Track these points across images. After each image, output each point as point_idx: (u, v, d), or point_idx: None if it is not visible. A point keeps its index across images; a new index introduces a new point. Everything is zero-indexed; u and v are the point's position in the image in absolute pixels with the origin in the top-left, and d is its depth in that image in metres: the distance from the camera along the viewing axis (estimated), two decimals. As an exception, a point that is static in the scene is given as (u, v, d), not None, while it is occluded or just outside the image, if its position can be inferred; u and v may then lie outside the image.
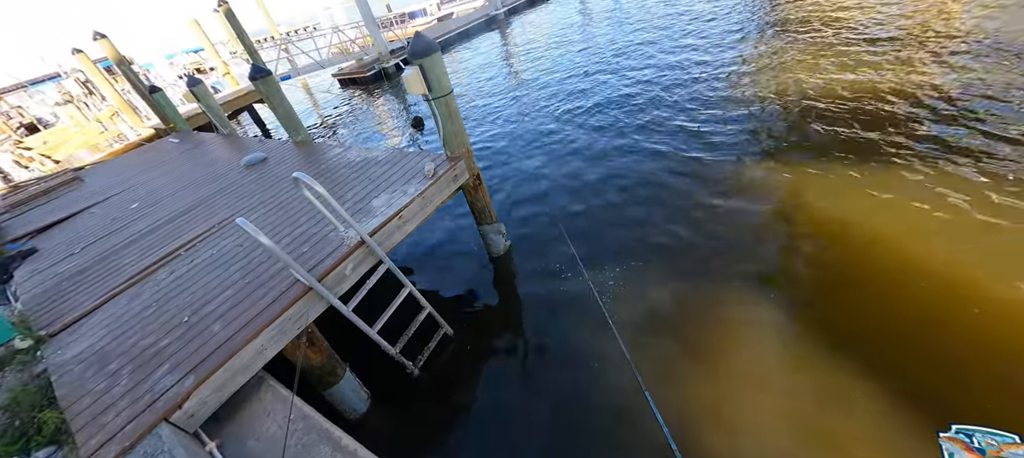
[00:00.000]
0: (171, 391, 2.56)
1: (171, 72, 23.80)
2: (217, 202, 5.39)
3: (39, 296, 4.34)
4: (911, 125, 5.13)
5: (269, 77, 6.18)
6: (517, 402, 3.48)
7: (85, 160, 11.91)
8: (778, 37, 9.15)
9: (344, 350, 3.54)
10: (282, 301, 2.99)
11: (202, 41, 19.24)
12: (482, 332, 4.22)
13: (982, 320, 3.03)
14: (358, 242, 3.36)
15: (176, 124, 10.97)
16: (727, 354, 3.34)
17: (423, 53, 3.64)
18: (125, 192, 7.17)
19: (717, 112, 6.82)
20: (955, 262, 3.46)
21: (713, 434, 2.86)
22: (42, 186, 8.76)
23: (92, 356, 3.13)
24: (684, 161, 5.82)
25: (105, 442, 2.35)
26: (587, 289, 4.28)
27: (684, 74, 8.70)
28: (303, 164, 5.70)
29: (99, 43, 11.35)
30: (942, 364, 2.89)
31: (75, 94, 19.87)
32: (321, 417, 2.62)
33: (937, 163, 4.45)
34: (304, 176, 2.88)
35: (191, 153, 8.60)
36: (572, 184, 6.13)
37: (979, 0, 7.79)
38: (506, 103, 10.44)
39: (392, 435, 3.52)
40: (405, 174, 4.34)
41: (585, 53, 12.57)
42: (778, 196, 4.72)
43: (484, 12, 22.73)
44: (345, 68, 17.85)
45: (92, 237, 5.52)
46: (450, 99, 3.94)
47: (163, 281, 3.89)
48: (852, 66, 6.92)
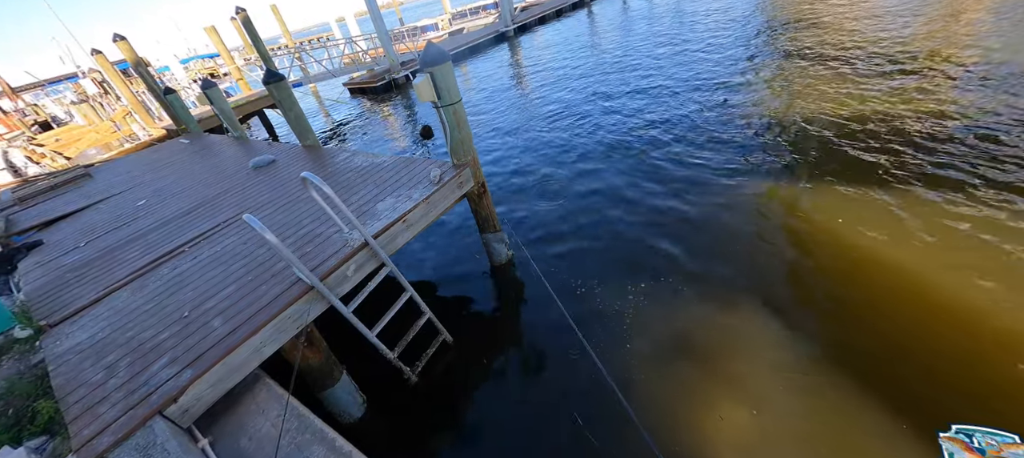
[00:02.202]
0: (167, 385, 2.54)
1: (186, 76, 24.28)
2: (223, 201, 5.43)
3: (42, 287, 4.35)
4: (908, 145, 5.16)
5: (282, 81, 6.29)
6: (515, 415, 3.42)
7: (95, 158, 12.09)
8: (790, 61, 9.26)
9: (342, 353, 3.51)
10: (283, 299, 2.99)
11: (218, 47, 19.71)
12: (481, 341, 4.18)
13: (983, 322, 3.08)
14: (362, 244, 3.37)
15: (187, 125, 11.15)
16: (725, 353, 3.33)
17: (434, 62, 3.71)
18: (133, 189, 7.25)
19: (721, 127, 6.87)
20: (956, 272, 3.51)
21: (713, 433, 2.81)
22: (51, 181, 8.87)
23: (90, 348, 3.12)
24: (683, 176, 5.85)
25: (98, 433, 2.33)
26: (590, 304, 4.26)
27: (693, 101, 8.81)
28: (311, 167, 5.76)
29: (118, 44, 11.62)
30: (942, 365, 2.92)
31: (91, 93, 20.29)
32: (316, 418, 2.59)
33: (939, 183, 4.47)
34: (312, 176, 2.90)
35: (200, 154, 8.71)
36: (580, 202, 6.14)
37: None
38: (512, 116, 10.56)
39: (387, 441, 3.46)
40: (411, 179, 4.37)
41: (593, 68, 12.75)
42: (784, 215, 4.72)
43: (494, 28, 23.17)
44: (356, 77, 18.16)
45: (98, 232, 5.56)
46: (458, 107, 3.99)
47: (166, 276, 3.90)
48: (857, 89, 6.99)
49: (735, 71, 9.46)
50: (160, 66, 28.36)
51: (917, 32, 8.82)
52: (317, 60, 17.11)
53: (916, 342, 3.14)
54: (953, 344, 3.06)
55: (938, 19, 9.23)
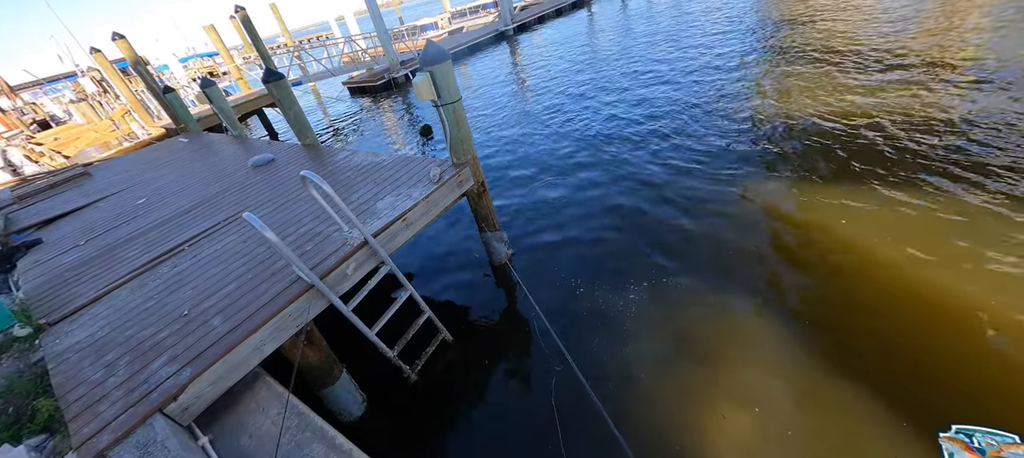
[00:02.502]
0: (167, 383, 2.54)
1: (185, 75, 24.24)
2: (223, 200, 5.43)
3: (41, 286, 4.34)
4: (905, 145, 5.17)
5: (281, 80, 6.28)
6: (515, 413, 3.43)
7: (94, 156, 12.07)
8: (789, 62, 9.26)
9: (342, 352, 3.51)
10: (283, 298, 2.99)
11: (217, 46, 19.67)
12: (481, 340, 4.19)
13: (982, 325, 3.06)
14: (361, 243, 3.37)
15: (187, 124, 11.13)
16: (723, 351, 3.32)
17: (434, 61, 3.70)
18: (132, 188, 7.24)
19: (717, 127, 6.88)
20: (954, 273, 3.49)
21: (713, 432, 2.82)
22: (50, 180, 8.86)
23: (90, 346, 3.12)
24: (680, 178, 5.86)
25: (98, 431, 2.33)
26: (590, 303, 4.27)
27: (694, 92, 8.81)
28: (310, 166, 5.75)
29: (117, 43, 11.59)
30: (942, 365, 2.92)
31: (90, 92, 20.23)
32: (316, 416, 2.59)
33: (939, 184, 4.47)
34: (311, 174, 2.90)
35: (200, 152, 8.70)
36: (579, 201, 6.15)
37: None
38: (511, 115, 10.56)
39: (387, 439, 3.46)
40: (411, 178, 4.37)
41: (593, 68, 12.75)
42: (783, 216, 4.73)
43: (494, 27, 23.16)
44: (355, 76, 18.14)
45: (97, 230, 5.56)
46: (458, 106, 3.99)
47: (165, 275, 3.90)
48: (857, 90, 7.00)
49: (732, 70, 9.46)
50: (159, 65, 28.33)
51: (916, 33, 8.82)
52: (316, 59, 17.09)
53: (915, 341, 3.13)
54: (953, 344, 3.05)
55: (936, 20, 9.24)
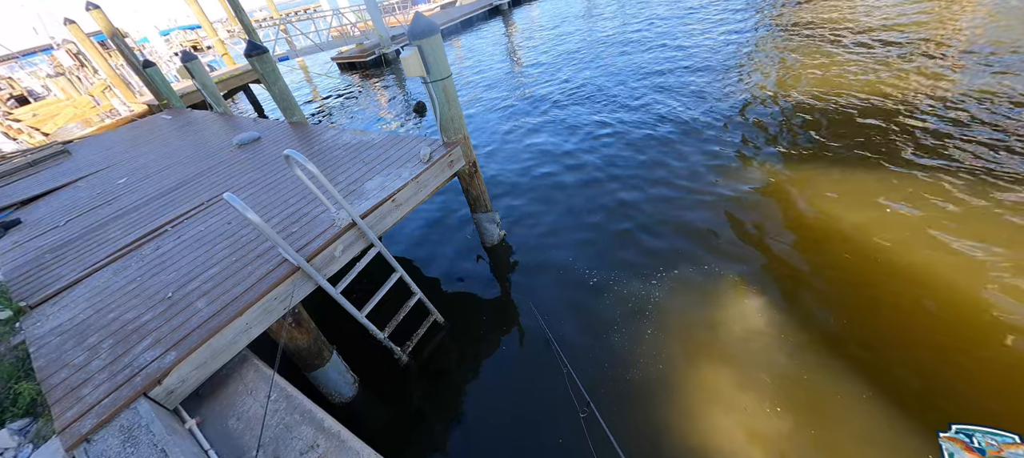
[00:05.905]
0: (151, 366, 2.50)
1: (166, 49, 23.36)
2: (207, 179, 5.28)
3: (20, 267, 4.23)
4: (911, 134, 5.13)
5: (265, 54, 6.04)
6: (506, 395, 3.45)
7: (75, 133, 11.68)
8: (786, 40, 9.10)
9: (332, 334, 3.48)
10: (269, 280, 2.93)
11: (199, 18, 18.89)
12: (473, 321, 4.18)
13: (982, 322, 3.05)
14: (349, 224, 3.29)
15: (169, 100, 10.76)
16: (722, 350, 3.34)
17: (422, 34, 3.55)
18: (114, 167, 7.03)
19: (715, 111, 6.80)
20: (954, 267, 3.48)
21: (714, 431, 2.85)
22: (28, 158, 8.55)
23: (72, 329, 3.06)
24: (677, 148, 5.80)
25: (81, 415, 2.29)
26: (584, 286, 4.26)
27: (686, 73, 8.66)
28: (297, 144, 5.60)
29: (92, 14, 11.06)
30: (942, 364, 2.89)
31: (67, 66, 19.47)
32: (304, 397, 2.57)
33: (938, 172, 4.46)
34: (296, 154, 2.80)
35: (183, 130, 8.44)
36: (575, 183, 6.08)
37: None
38: (505, 92, 10.34)
39: (378, 420, 3.48)
40: (400, 158, 4.26)
41: (588, 43, 12.46)
42: (782, 203, 4.71)
43: (488, 1, 22.46)
44: (345, 51, 17.58)
45: (77, 210, 5.40)
46: (448, 83, 3.86)
47: (148, 256, 3.81)
48: (855, 73, 6.91)
49: (731, 49, 9.30)
50: (139, 38, 27.24)
51: (918, 17, 8.68)
52: (303, 33, 16.50)
53: (915, 341, 3.07)
54: (952, 344, 3.00)
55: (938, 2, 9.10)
